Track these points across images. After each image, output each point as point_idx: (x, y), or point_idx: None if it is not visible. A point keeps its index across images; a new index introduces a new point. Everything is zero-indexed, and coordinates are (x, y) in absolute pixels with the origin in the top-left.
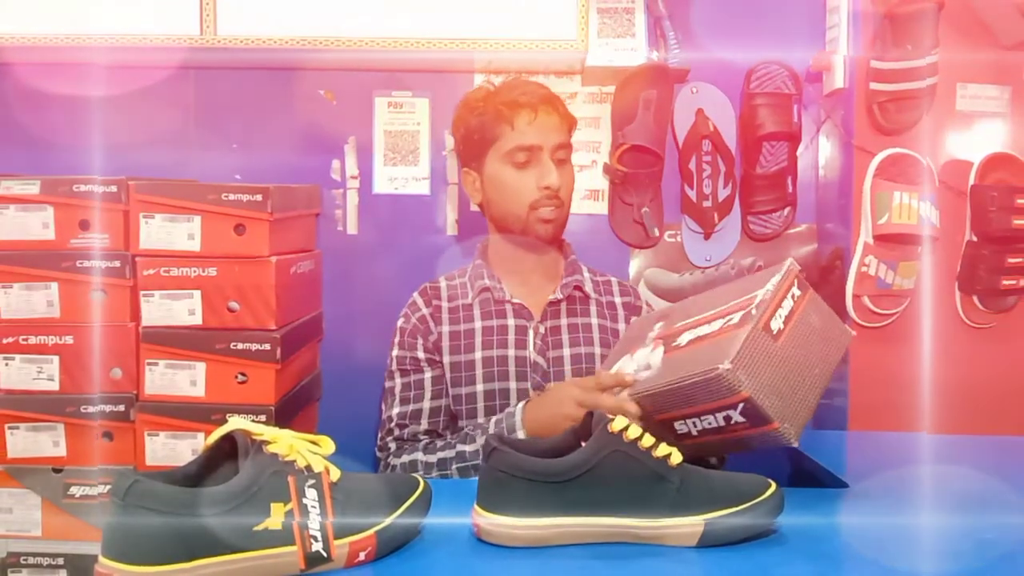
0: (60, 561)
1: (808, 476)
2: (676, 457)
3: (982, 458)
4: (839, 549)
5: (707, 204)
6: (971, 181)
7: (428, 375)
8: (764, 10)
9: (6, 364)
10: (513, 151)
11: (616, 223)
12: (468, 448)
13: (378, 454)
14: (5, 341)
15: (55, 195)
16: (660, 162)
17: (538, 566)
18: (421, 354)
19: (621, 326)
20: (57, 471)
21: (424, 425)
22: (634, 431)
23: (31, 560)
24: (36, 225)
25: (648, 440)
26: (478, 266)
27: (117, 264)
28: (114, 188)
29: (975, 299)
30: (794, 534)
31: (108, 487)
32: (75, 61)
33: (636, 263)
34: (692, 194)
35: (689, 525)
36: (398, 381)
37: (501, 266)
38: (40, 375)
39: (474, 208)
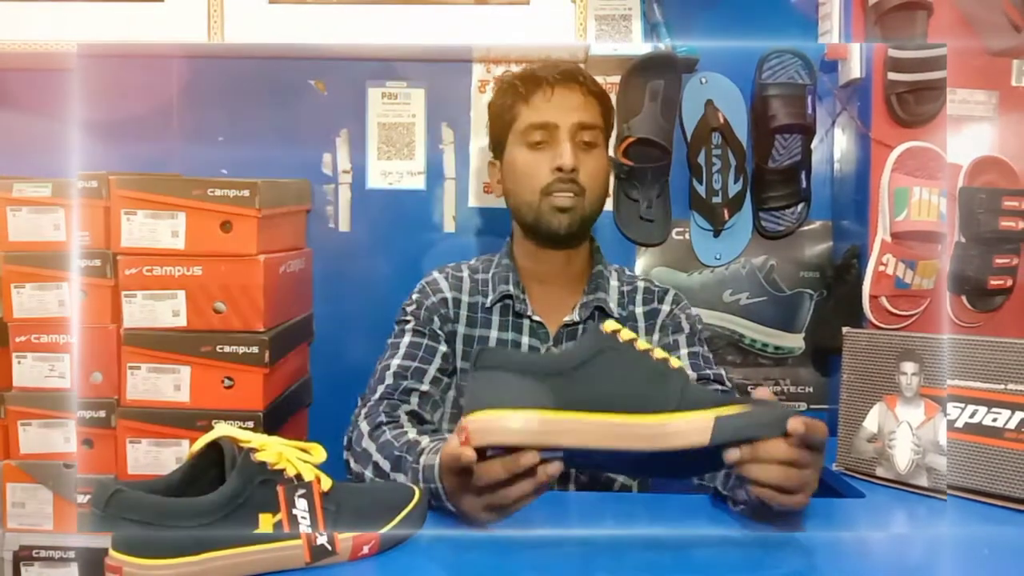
0: (71, 554)
1: (824, 485)
2: (675, 361)
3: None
4: (853, 559)
5: (717, 200)
6: (960, 183)
7: (442, 349)
8: None
9: (19, 362)
10: (527, 130)
11: (621, 220)
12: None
13: (358, 408)
14: (18, 340)
15: (66, 197)
16: (667, 156)
17: (542, 561)
18: (437, 325)
19: (642, 338)
20: (68, 466)
21: (425, 386)
22: (627, 333)
23: (43, 553)
24: (48, 226)
25: (644, 343)
26: (506, 267)
27: (97, 263)
28: (94, 183)
29: (964, 299)
30: (808, 543)
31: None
32: (63, 58)
33: (642, 262)
34: (701, 189)
35: (699, 420)
36: (408, 338)
37: (525, 270)
38: (52, 373)
39: (472, 204)
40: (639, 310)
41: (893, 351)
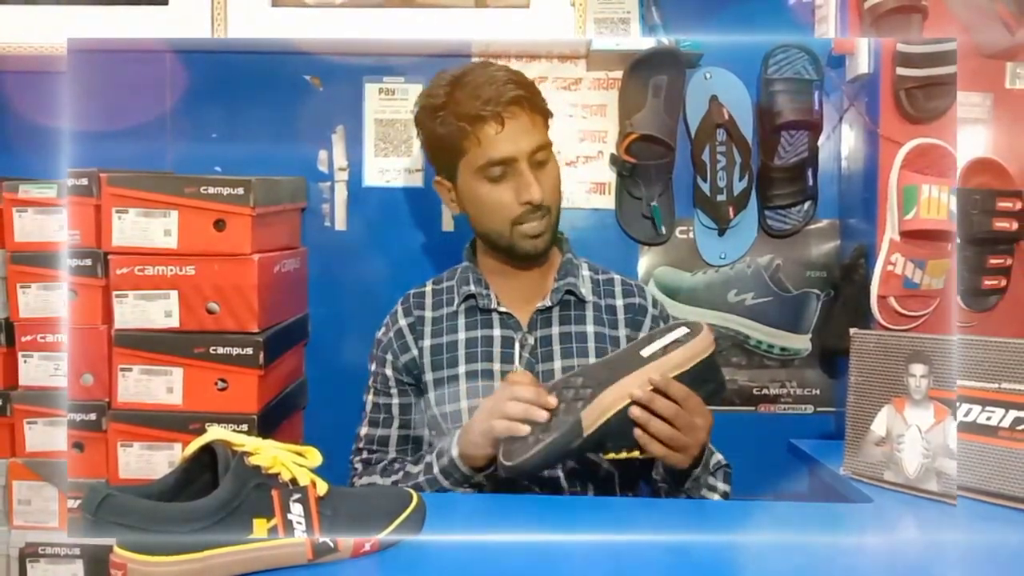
0: (76, 551)
1: (831, 490)
2: None
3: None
4: (857, 563)
5: (721, 198)
6: (954, 185)
7: (396, 401)
8: None
9: (25, 361)
10: (484, 167)
11: (624, 218)
12: (413, 469)
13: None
14: (24, 339)
15: None
16: (671, 153)
17: (543, 563)
18: (389, 372)
19: (621, 332)
20: None
21: (392, 453)
22: None
23: (48, 550)
24: (53, 227)
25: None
26: (465, 269)
27: (88, 262)
28: (85, 181)
29: (958, 299)
30: (816, 547)
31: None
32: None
33: (645, 261)
34: (705, 187)
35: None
36: (369, 399)
37: (490, 267)
38: (57, 372)
39: None
40: (619, 303)
41: (902, 352)
